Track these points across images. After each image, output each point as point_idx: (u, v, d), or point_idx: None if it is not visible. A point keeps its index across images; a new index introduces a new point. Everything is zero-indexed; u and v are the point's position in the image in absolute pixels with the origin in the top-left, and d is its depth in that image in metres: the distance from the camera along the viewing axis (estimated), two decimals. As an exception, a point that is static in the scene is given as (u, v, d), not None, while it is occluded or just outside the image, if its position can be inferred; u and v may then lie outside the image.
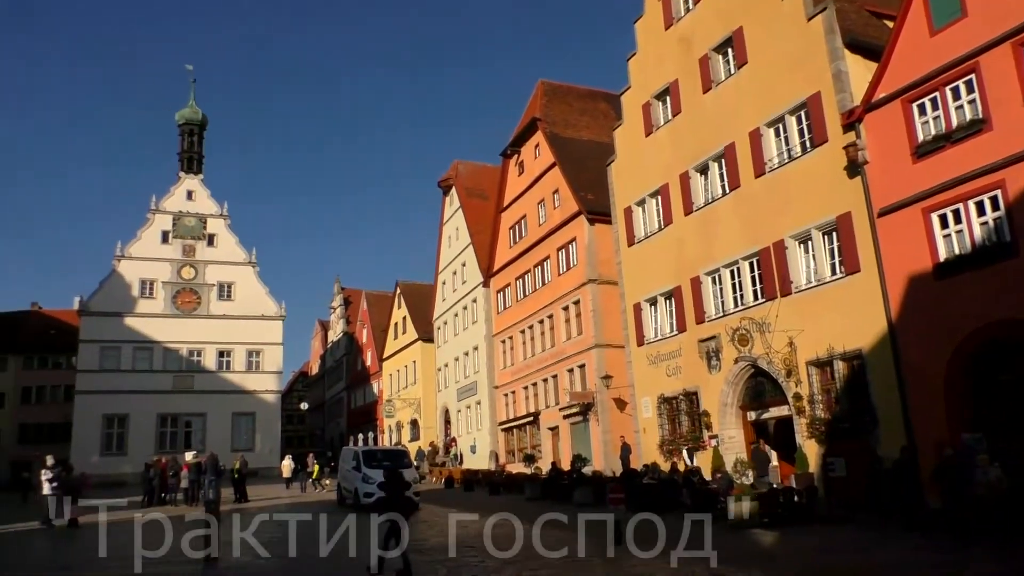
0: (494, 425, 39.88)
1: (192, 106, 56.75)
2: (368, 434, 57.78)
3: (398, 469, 12.60)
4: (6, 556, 13.63)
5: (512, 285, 38.84)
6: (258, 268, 54.28)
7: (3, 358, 59.37)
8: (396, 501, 11.08)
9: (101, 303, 49.65)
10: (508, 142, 39.35)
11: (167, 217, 52.54)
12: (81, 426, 47.40)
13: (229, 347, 51.82)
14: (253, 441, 50.09)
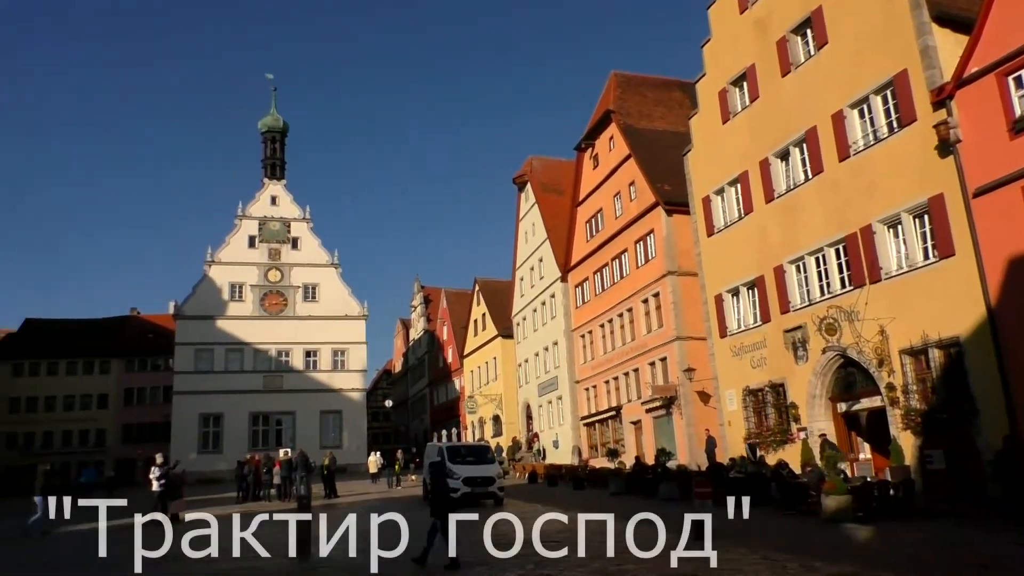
0: (576, 420, 39.82)
1: (273, 114, 58.51)
2: (451, 430, 58.60)
3: (442, 466, 12.75)
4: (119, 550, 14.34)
5: (590, 279, 38.66)
6: (340, 269, 55.61)
7: (106, 361, 62.66)
8: (440, 498, 11.27)
9: (194, 307, 51.72)
10: (582, 135, 39.17)
11: (253, 222, 54.31)
12: (179, 425, 49.54)
13: (315, 347, 53.24)
14: (340, 438, 51.36)
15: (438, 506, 11.20)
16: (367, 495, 27.78)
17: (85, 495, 27.60)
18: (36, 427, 60.20)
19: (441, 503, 11.25)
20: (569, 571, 10.39)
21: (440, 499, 11.34)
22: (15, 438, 58.97)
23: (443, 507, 11.14)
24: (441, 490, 11.51)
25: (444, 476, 11.91)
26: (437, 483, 11.69)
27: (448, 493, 11.50)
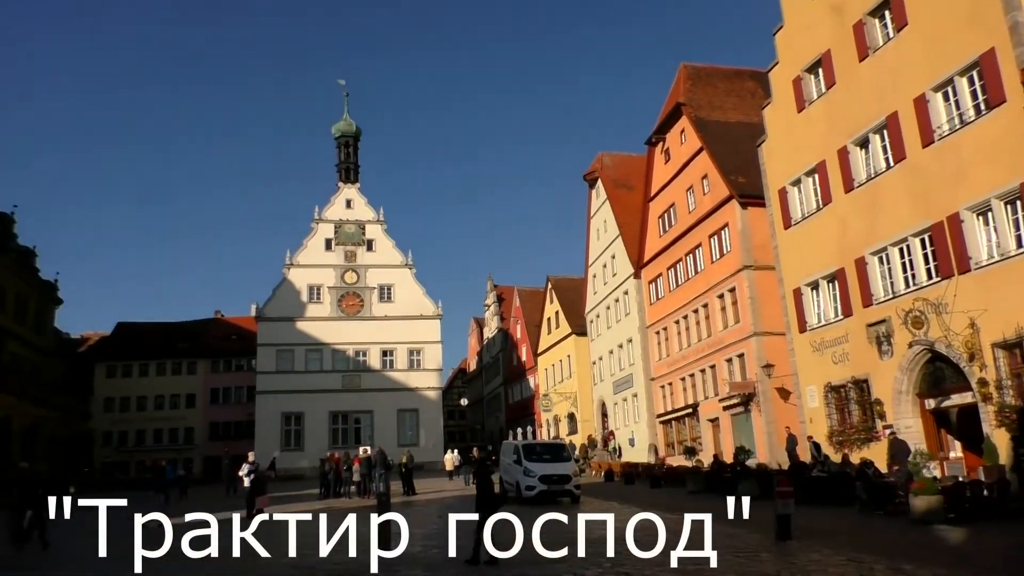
0: (652, 417, 39.43)
1: (346, 119, 59.65)
2: (527, 428, 58.71)
3: (486, 465, 12.80)
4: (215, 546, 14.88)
5: (664, 275, 38.21)
6: (415, 270, 56.31)
7: (192, 362, 65.15)
8: (485, 496, 11.42)
9: (275, 309, 53.19)
10: (652, 130, 38.73)
11: (329, 226, 55.51)
12: (263, 424, 51.05)
13: (391, 347, 54.08)
14: (417, 436, 52.03)
15: (481, 504, 11.32)
16: (444, 493, 28.08)
17: (166, 492, 28.90)
18: (129, 426, 62.99)
19: (483, 502, 11.35)
20: (649, 569, 10.27)
21: (483, 498, 11.45)
22: (111, 436, 61.81)
23: (485, 506, 11.24)
24: (484, 488, 11.63)
25: (487, 475, 12.05)
26: (481, 482, 11.81)
27: (491, 492, 11.62)
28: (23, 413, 40.04)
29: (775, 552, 11.61)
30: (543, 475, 21.62)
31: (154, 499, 26.11)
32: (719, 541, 12.76)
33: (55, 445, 44.94)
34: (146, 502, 21.86)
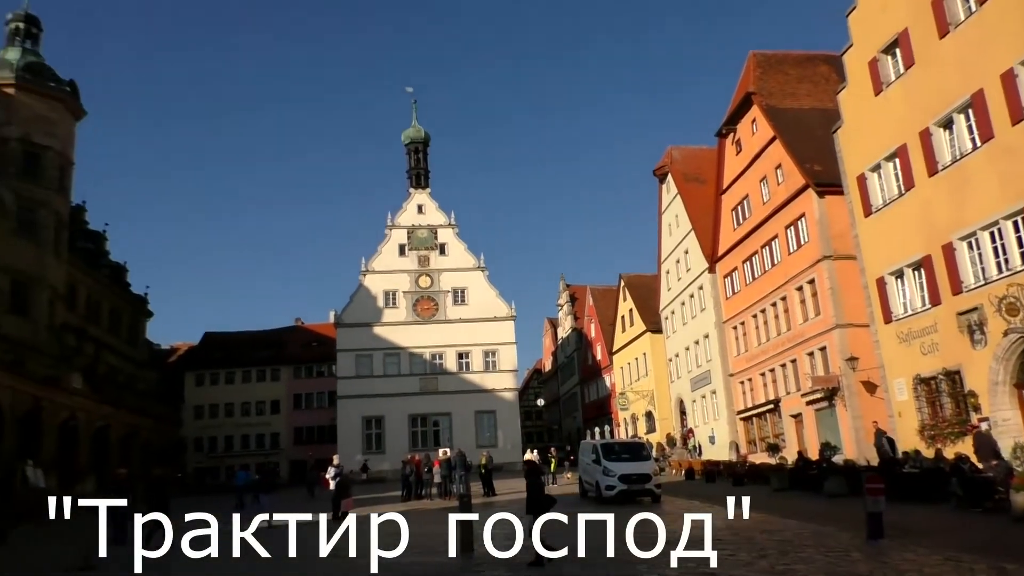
0: (732, 414, 38.72)
1: (415, 125, 60.46)
2: (604, 427, 58.43)
3: (536, 467, 12.87)
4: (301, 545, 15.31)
5: (739, 269, 37.47)
6: (487, 272, 56.65)
7: (276, 369, 67.14)
8: (536, 498, 11.52)
9: (353, 315, 54.26)
10: (722, 121, 38.04)
11: (402, 231, 56.35)
12: (344, 428, 52.16)
13: (467, 349, 54.52)
14: (495, 437, 52.30)
15: (532, 505, 11.44)
16: (524, 493, 28.08)
17: (239, 496, 29.76)
18: (218, 431, 65.33)
19: (534, 503, 11.46)
20: (736, 570, 10.10)
21: (533, 499, 11.55)
22: (201, 442, 64.20)
23: (535, 506, 11.36)
24: (534, 490, 11.74)
25: (538, 476, 12.17)
26: (531, 483, 11.93)
27: (541, 493, 11.74)
28: (120, 422, 41.92)
29: (866, 551, 11.25)
30: (623, 474, 21.44)
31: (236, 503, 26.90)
32: (807, 540, 12.48)
33: (150, 452, 46.89)
34: (220, 506, 22.68)
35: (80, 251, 45.80)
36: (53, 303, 38.10)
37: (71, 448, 35.71)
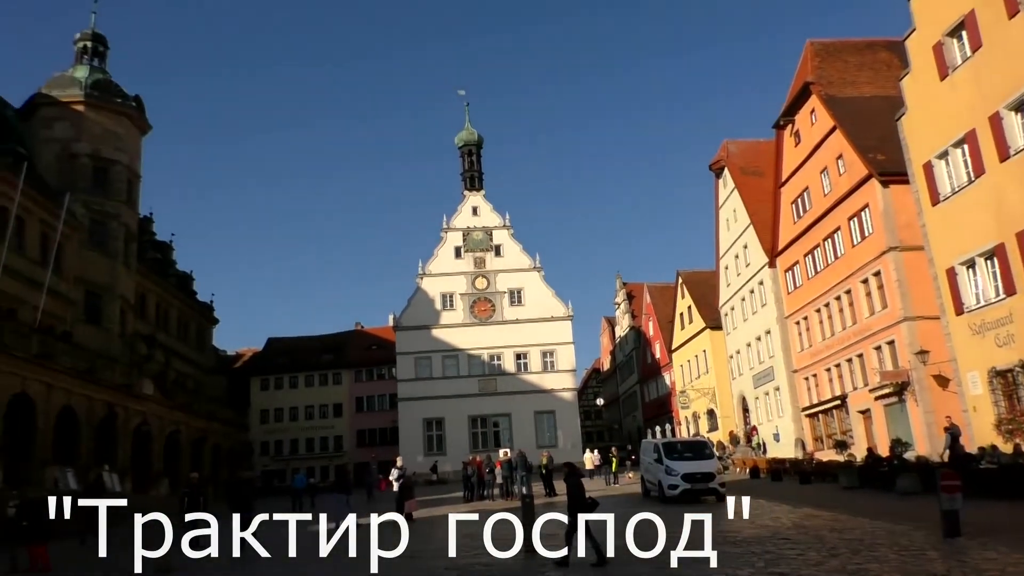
0: (796, 411, 37.95)
1: (468, 128, 60.83)
2: (665, 426, 57.83)
3: (576, 468, 12.87)
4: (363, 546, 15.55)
5: (801, 263, 36.71)
6: (543, 272, 56.62)
7: (337, 373, 68.26)
8: (576, 499, 11.56)
9: (411, 318, 54.82)
10: (779, 112, 37.33)
11: (458, 234, 56.70)
12: (406, 430, 52.72)
13: (525, 349, 54.57)
14: (555, 437, 52.24)
15: (573, 507, 11.51)
16: (587, 492, 27.98)
17: (297, 499, 30.29)
18: (283, 435, 66.69)
19: (575, 504, 11.52)
20: (805, 570, 9.89)
21: (575, 500, 11.60)
22: (267, 446, 65.61)
23: (577, 508, 11.43)
24: (575, 491, 11.76)
25: (579, 477, 12.22)
26: (572, 484, 11.93)
27: (582, 494, 11.76)
28: (190, 426, 43.10)
29: (943, 550, 10.91)
30: (685, 473, 21.18)
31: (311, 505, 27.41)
32: (880, 539, 12.15)
33: (219, 455, 48.12)
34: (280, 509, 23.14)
35: (149, 261, 47.26)
36: (124, 312, 39.38)
37: (144, 453, 36.87)
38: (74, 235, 36.16)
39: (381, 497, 31.96)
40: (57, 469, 28.50)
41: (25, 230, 32.95)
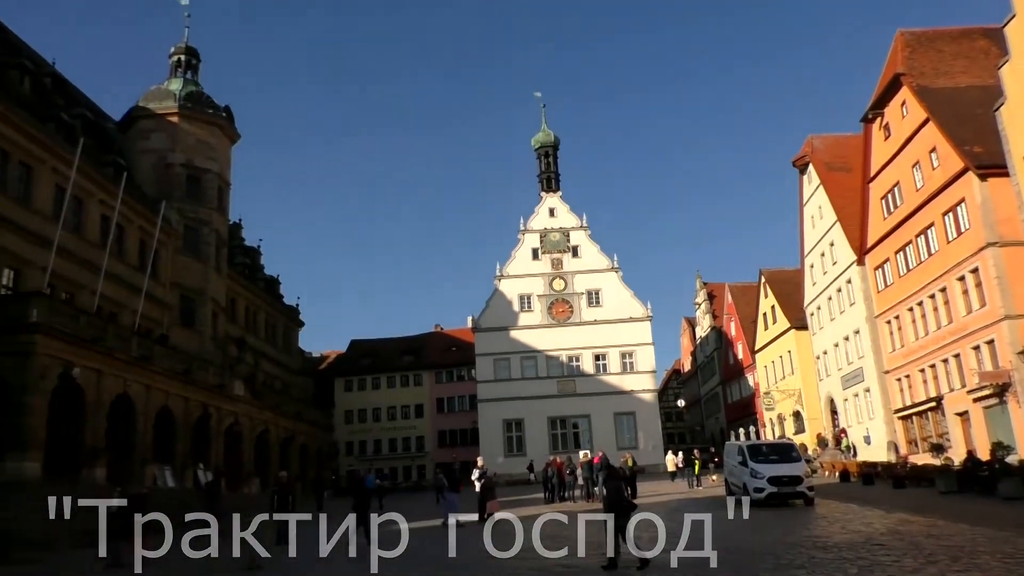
0: (888, 413, 36.63)
1: (544, 130, 60.95)
2: (748, 428, 56.72)
3: (615, 470, 13.27)
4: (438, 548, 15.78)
5: (891, 260, 35.43)
6: (621, 273, 56.24)
7: (418, 374, 69.35)
8: (615, 501, 11.71)
9: (489, 320, 55.22)
10: (868, 106, 36.14)
11: (535, 235, 56.84)
12: (485, 431, 53.12)
13: (603, 351, 54.29)
14: (636, 439, 51.79)
15: (612, 509, 11.64)
16: (668, 495, 27.73)
17: (364, 500, 30.52)
18: (367, 435, 68.10)
19: (614, 506, 11.65)
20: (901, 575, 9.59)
21: (613, 502, 11.73)
22: (352, 446, 67.16)
23: (616, 510, 11.57)
24: (614, 493, 11.90)
25: (617, 479, 12.35)
26: (611, 487, 12.07)
27: (621, 496, 11.92)
28: (278, 426, 44.46)
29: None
30: (772, 476, 20.73)
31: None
32: (981, 545, 11.66)
33: (306, 455, 49.49)
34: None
35: (238, 266, 49.00)
36: (216, 315, 40.93)
37: (236, 452, 38.23)
38: (169, 241, 37.80)
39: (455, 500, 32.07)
40: (156, 467, 29.89)
41: (125, 237, 34.62)
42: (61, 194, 29.68)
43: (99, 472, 25.75)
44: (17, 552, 16.80)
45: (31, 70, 33.38)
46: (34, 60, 35.18)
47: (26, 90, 32.20)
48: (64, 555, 17.12)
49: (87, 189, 31.85)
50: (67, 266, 29.52)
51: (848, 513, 17.56)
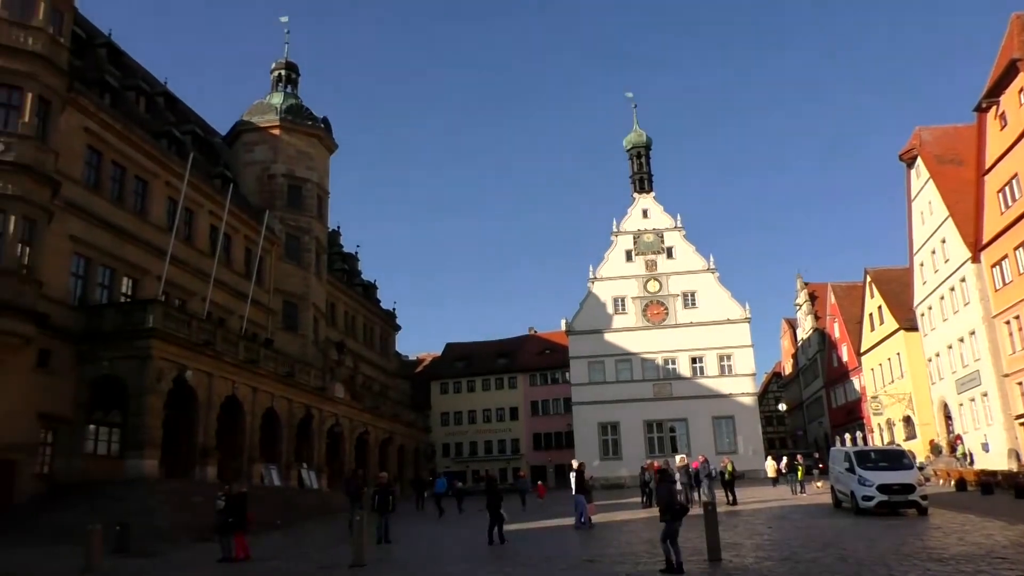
0: (1009, 419, 34.51)
1: (636, 130, 60.38)
2: (855, 433, 54.50)
3: (667, 474, 13.03)
4: (543, 547, 15.79)
5: (1010, 256, 33.43)
6: (718, 274, 55.12)
7: (513, 377, 69.71)
8: (671, 506, 11.76)
9: (583, 322, 55.02)
10: (982, 94, 34.25)
11: (628, 237, 56.33)
12: (581, 434, 52.92)
13: (700, 353, 53.31)
14: (735, 443, 50.62)
15: (665, 513, 11.67)
16: (770, 501, 26.95)
17: (438, 503, 30.76)
18: (463, 438, 68.93)
19: (667, 511, 11.67)
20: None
21: (666, 507, 11.74)
22: (448, 447, 68.13)
23: (669, 514, 11.61)
24: (667, 497, 11.91)
25: (671, 483, 12.47)
26: (663, 491, 12.10)
27: (673, 500, 11.93)
28: (377, 428, 45.54)
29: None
30: (881, 484, 19.81)
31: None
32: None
33: (404, 456, 50.49)
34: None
35: (337, 272, 50.45)
36: (317, 320, 42.25)
37: (336, 452, 39.37)
38: (273, 249, 39.26)
39: (537, 505, 32.06)
40: (263, 466, 31.09)
41: (232, 246, 36.17)
42: (174, 206, 31.27)
43: (210, 470, 26.99)
44: (138, 544, 17.79)
45: (146, 90, 35.34)
46: (148, 81, 37.20)
47: (141, 109, 34.08)
48: (182, 548, 17.99)
49: (197, 201, 33.42)
50: (179, 274, 31.06)
51: (965, 524, 16.60)
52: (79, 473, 23.97)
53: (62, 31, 25.19)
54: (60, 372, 24.19)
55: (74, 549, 15.52)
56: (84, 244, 26.32)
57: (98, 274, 27.21)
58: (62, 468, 23.88)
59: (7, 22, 23.35)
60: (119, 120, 28.76)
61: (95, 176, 27.60)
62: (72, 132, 25.95)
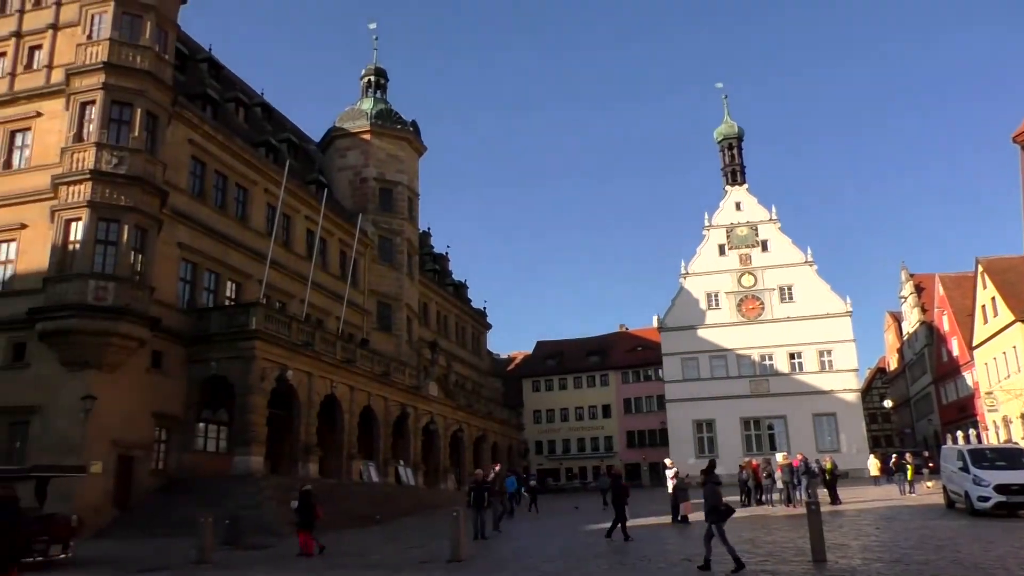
0: None
1: (727, 121, 59.12)
2: (968, 431, 51.83)
3: (714, 474, 12.71)
4: (641, 546, 15.64)
5: None
6: (816, 266, 53.40)
7: (604, 375, 69.40)
8: (716, 507, 11.63)
9: (675, 318, 54.26)
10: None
11: (720, 231, 55.23)
12: (674, 431, 52.26)
13: (798, 348, 51.82)
14: (837, 441, 49.05)
15: (711, 514, 11.62)
16: (876, 501, 25.89)
17: (510, 503, 30.32)
18: (556, 435, 69.02)
19: (713, 511, 11.62)
20: None
21: (712, 507, 11.68)
22: (541, 445, 68.34)
23: (714, 515, 11.55)
24: (713, 497, 11.81)
25: (716, 484, 12.22)
26: (708, 491, 12.02)
27: (719, 499, 11.76)
28: (471, 425, 46.07)
29: None
30: (999, 484, 18.75)
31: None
32: None
33: (498, 453, 50.89)
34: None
35: (428, 272, 51.31)
36: (410, 320, 43.06)
37: (432, 450, 40.04)
38: (366, 251, 40.23)
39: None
40: (361, 463, 31.94)
41: (327, 249, 37.26)
42: (272, 212, 32.47)
43: (312, 466, 27.91)
44: (248, 537, 18.57)
45: (244, 102, 36.80)
46: (246, 92, 38.71)
47: (240, 120, 35.50)
48: (287, 541, 18.63)
49: (294, 206, 34.57)
50: (279, 277, 32.21)
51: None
52: (190, 469, 25.21)
53: (167, 48, 26.50)
54: (171, 373, 25.49)
55: (188, 541, 16.28)
56: (191, 250, 27.63)
57: (204, 279, 28.52)
58: (174, 464, 25.18)
59: (118, 43, 24.74)
60: (220, 131, 30.06)
61: (199, 185, 28.94)
62: (178, 144, 27.28)
